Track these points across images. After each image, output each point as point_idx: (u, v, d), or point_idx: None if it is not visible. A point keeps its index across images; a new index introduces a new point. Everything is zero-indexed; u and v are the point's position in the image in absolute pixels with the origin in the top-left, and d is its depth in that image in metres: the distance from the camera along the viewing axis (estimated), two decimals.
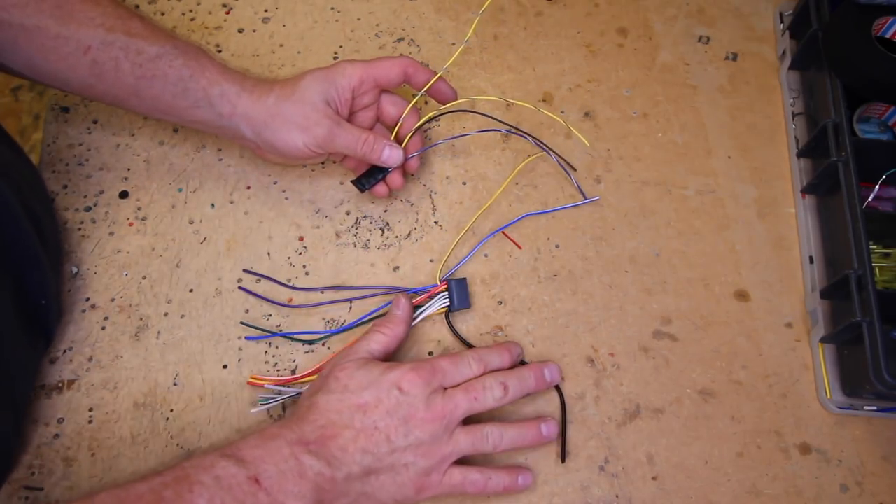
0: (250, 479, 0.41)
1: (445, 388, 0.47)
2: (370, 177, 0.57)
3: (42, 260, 0.49)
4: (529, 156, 0.63)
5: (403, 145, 0.56)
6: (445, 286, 0.55)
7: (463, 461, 0.48)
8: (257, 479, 0.41)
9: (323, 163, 0.62)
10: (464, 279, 0.56)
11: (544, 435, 0.50)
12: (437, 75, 0.56)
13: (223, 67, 0.53)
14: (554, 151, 0.61)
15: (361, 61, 0.54)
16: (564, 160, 0.62)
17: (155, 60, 0.50)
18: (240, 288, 0.56)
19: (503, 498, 0.50)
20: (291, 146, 0.52)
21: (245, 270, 0.57)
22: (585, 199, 0.61)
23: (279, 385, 0.52)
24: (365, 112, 0.57)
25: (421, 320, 0.55)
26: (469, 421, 0.48)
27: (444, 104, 0.58)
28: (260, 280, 0.57)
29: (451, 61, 0.59)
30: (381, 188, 0.58)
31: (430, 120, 0.59)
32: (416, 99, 0.57)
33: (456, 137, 0.63)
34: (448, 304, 0.55)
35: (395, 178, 0.57)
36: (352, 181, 0.57)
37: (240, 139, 0.54)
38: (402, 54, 0.66)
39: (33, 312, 0.49)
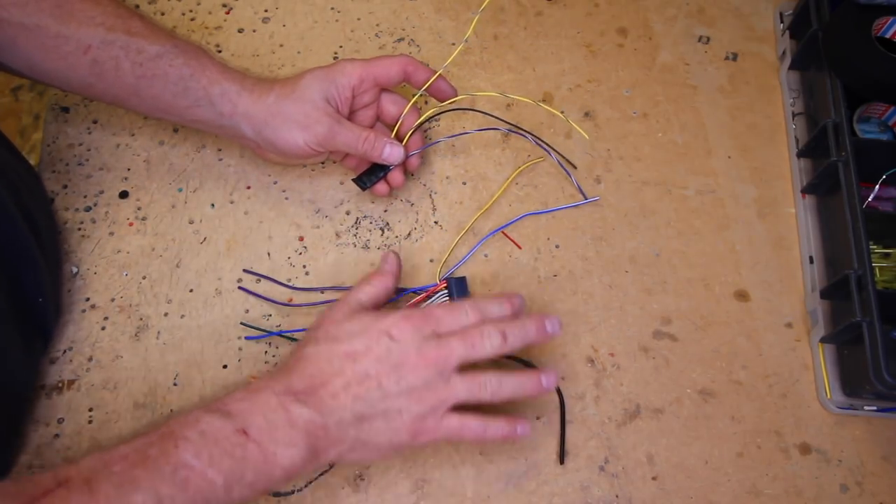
0: (238, 431, 0.40)
1: (440, 336, 0.46)
2: (371, 175, 0.57)
3: (38, 259, 0.49)
4: (529, 156, 0.63)
5: (404, 143, 0.56)
6: (445, 285, 0.55)
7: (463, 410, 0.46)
8: (245, 430, 0.40)
9: (323, 163, 0.62)
10: (463, 277, 0.55)
11: (544, 386, 0.47)
12: (437, 74, 0.56)
13: (223, 67, 0.53)
14: (555, 150, 0.61)
15: (361, 60, 0.55)
16: (565, 159, 0.62)
17: (155, 60, 0.50)
18: (240, 288, 0.56)
19: (503, 492, 0.50)
20: (292, 144, 0.52)
21: (245, 270, 0.57)
22: (586, 198, 0.61)
23: None
24: (365, 111, 0.57)
25: None
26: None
27: (444, 102, 0.59)
28: (260, 280, 0.57)
29: (449, 60, 0.59)
30: (381, 187, 0.58)
31: (431, 118, 0.60)
32: (416, 97, 0.57)
33: (456, 136, 0.63)
34: (447, 301, 0.54)
35: (395, 176, 0.57)
36: (353, 179, 0.58)
37: (240, 138, 0.54)
38: (401, 53, 0.66)
39: (30, 311, 0.49)
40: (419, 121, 0.58)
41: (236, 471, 0.40)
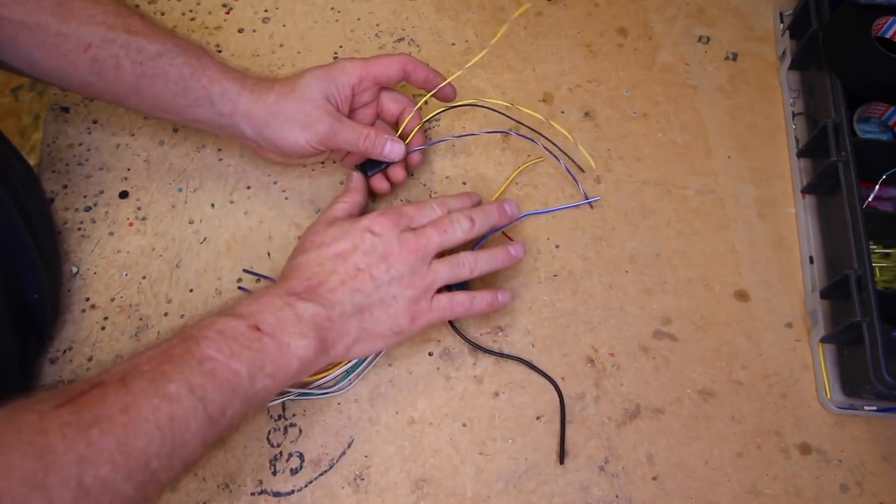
0: (251, 327, 0.43)
1: (415, 229, 0.50)
2: (374, 165, 0.57)
3: (35, 258, 0.49)
4: (529, 156, 0.63)
5: (407, 141, 0.57)
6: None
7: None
8: (258, 326, 0.43)
9: (323, 163, 0.62)
10: (465, 281, 0.55)
11: (513, 255, 0.53)
12: (446, 81, 0.57)
13: (224, 66, 0.53)
14: (562, 151, 0.61)
15: (360, 59, 0.55)
16: (572, 161, 0.62)
17: (156, 59, 0.50)
18: (239, 288, 0.56)
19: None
20: (293, 143, 0.53)
21: (245, 270, 0.57)
22: (587, 198, 0.61)
23: None
24: (365, 109, 0.57)
25: None
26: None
27: (445, 102, 0.59)
28: (260, 280, 0.57)
29: (474, 61, 0.59)
30: (382, 184, 0.58)
31: (436, 115, 0.60)
32: (422, 101, 0.57)
33: (462, 136, 0.63)
34: None
35: (397, 172, 0.58)
36: (356, 166, 0.58)
37: (240, 138, 0.55)
38: (400, 52, 0.66)
39: (25, 308, 0.49)
40: (424, 119, 0.58)
41: (256, 361, 0.42)
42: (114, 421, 0.36)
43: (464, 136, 0.63)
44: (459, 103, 0.60)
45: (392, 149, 0.55)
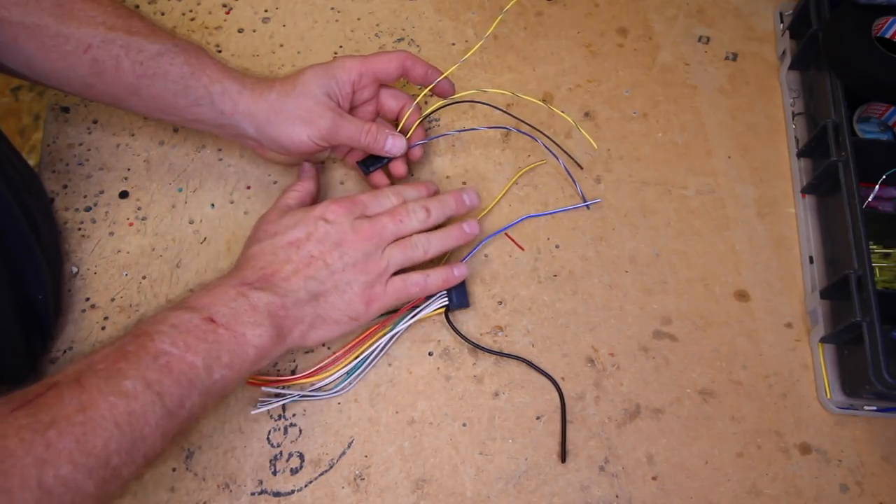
0: (205, 319, 0.43)
1: (370, 217, 0.51)
2: (375, 161, 0.58)
3: (38, 257, 0.49)
4: (529, 156, 0.63)
5: (407, 136, 0.57)
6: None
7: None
8: (212, 318, 0.43)
9: (323, 161, 0.62)
10: (463, 282, 0.55)
11: (467, 232, 0.54)
12: (443, 75, 0.57)
13: (224, 66, 0.53)
14: (563, 150, 0.61)
15: (360, 56, 0.55)
16: (572, 160, 0.62)
17: (156, 58, 0.50)
18: None
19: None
20: (296, 140, 0.53)
21: None
22: (586, 201, 0.61)
23: (278, 386, 0.52)
24: (365, 106, 0.57)
25: (419, 319, 0.54)
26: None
27: (443, 97, 0.59)
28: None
29: (469, 54, 0.59)
30: (383, 179, 0.58)
31: (436, 110, 0.60)
32: (421, 95, 0.58)
33: (464, 131, 0.63)
34: (447, 302, 0.54)
35: (398, 166, 0.58)
36: (357, 162, 0.58)
37: (241, 138, 0.55)
38: (399, 49, 0.66)
39: (30, 308, 0.49)
40: (424, 114, 0.58)
41: (212, 352, 0.42)
42: (71, 420, 0.36)
43: (464, 130, 0.63)
44: (458, 98, 0.60)
45: (394, 143, 0.56)
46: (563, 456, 0.51)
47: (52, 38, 0.48)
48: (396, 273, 0.51)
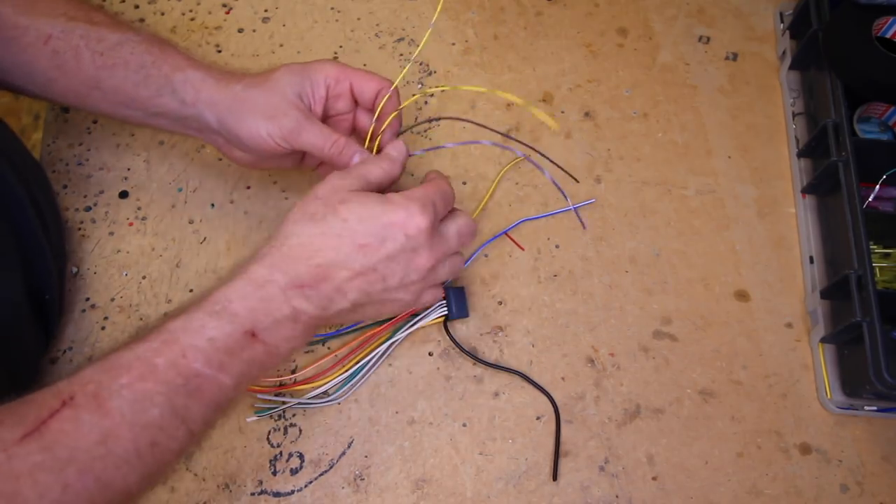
0: (246, 333, 0.40)
1: (441, 235, 0.47)
2: None
3: (48, 254, 0.50)
4: (529, 156, 0.63)
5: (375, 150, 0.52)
6: (444, 295, 0.54)
7: None
8: (253, 332, 0.40)
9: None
10: (462, 288, 0.55)
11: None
12: (398, 110, 0.52)
13: (188, 56, 0.50)
14: (549, 158, 0.60)
15: (341, 63, 0.52)
16: (560, 167, 0.61)
17: (116, 48, 0.48)
18: None
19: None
20: (255, 135, 0.48)
21: None
22: (575, 207, 0.61)
23: (275, 392, 0.52)
24: (339, 119, 0.53)
25: (418, 328, 0.54)
26: None
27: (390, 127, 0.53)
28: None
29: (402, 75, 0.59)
30: None
31: (412, 128, 0.56)
32: (377, 108, 0.52)
33: (438, 148, 0.62)
34: (446, 312, 0.54)
35: None
36: None
37: (206, 132, 0.51)
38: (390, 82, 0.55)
39: (39, 306, 0.49)
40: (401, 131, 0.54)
41: (245, 372, 0.40)
42: (91, 454, 0.33)
43: (440, 147, 0.61)
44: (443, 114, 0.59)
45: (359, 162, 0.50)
46: (555, 474, 0.51)
47: (12, 29, 0.47)
48: None
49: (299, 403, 0.51)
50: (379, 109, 0.51)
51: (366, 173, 0.46)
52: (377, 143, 0.52)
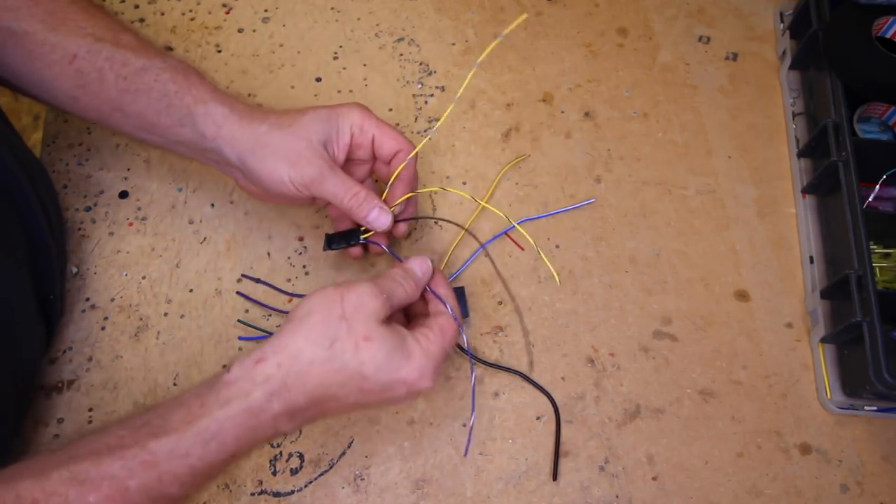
0: (228, 458, 0.40)
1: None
2: (342, 240, 0.53)
3: (54, 254, 0.50)
4: (529, 155, 0.63)
5: (392, 207, 0.51)
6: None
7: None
8: (235, 455, 0.40)
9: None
10: (462, 288, 0.55)
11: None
12: (412, 191, 0.53)
13: (214, 88, 0.50)
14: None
15: (370, 112, 0.51)
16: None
17: (140, 73, 0.48)
18: (238, 293, 0.56)
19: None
20: (276, 179, 0.48)
21: (243, 275, 0.56)
22: (570, 208, 0.61)
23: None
24: (358, 166, 0.53)
25: None
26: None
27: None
28: (259, 282, 0.56)
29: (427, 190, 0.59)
30: (355, 249, 0.54)
31: (414, 193, 0.53)
32: (395, 173, 0.52)
33: (421, 218, 0.61)
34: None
35: (379, 243, 0.53)
36: (326, 234, 0.54)
37: (224, 166, 0.51)
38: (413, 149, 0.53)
39: (42, 306, 0.49)
40: (412, 192, 0.53)
41: (211, 479, 0.40)
42: None
43: (422, 218, 0.59)
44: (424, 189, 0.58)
45: (378, 216, 0.50)
46: (555, 474, 0.51)
47: (38, 46, 0.47)
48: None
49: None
50: (395, 175, 0.51)
51: (391, 294, 0.44)
52: (393, 205, 0.52)
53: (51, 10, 0.48)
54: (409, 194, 0.53)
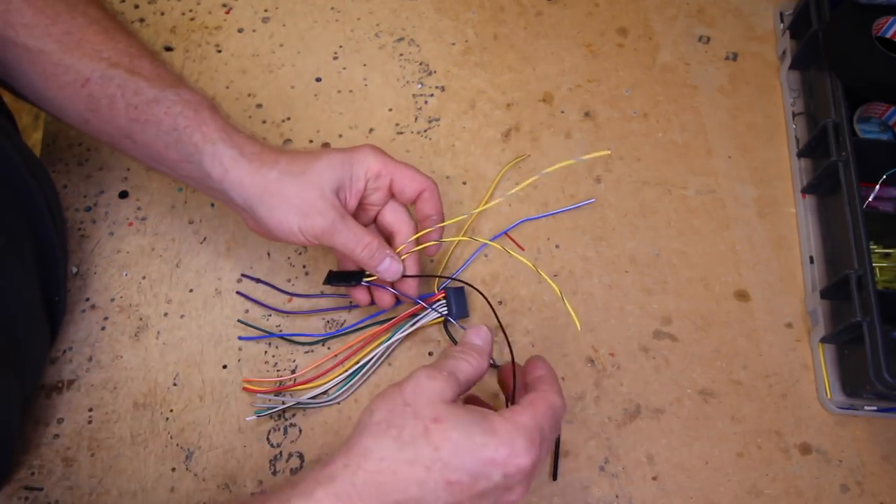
0: None
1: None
2: (344, 280, 0.52)
3: (59, 254, 0.50)
4: (529, 155, 0.63)
5: (403, 257, 0.50)
6: (444, 295, 0.53)
7: None
8: None
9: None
10: (462, 287, 0.55)
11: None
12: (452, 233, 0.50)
13: (225, 126, 0.47)
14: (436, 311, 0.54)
15: (386, 155, 0.50)
16: (494, 311, 0.47)
17: (151, 104, 0.46)
18: (238, 293, 0.56)
19: None
20: (285, 228, 0.46)
21: (243, 275, 0.56)
22: (574, 206, 0.61)
23: (275, 392, 0.52)
24: (369, 208, 0.52)
25: (418, 328, 0.54)
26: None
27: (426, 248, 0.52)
28: (259, 282, 0.56)
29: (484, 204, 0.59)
30: (364, 297, 0.52)
31: (426, 244, 0.52)
32: (419, 234, 0.51)
33: (453, 277, 0.62)
34: (446, 312, 0.53)
35: (384, 296, 0.52)
36: (330, 270, 0.53)
37: (230, 205, 0.49)
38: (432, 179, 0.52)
39: (48, 307, 0.50)
40: (426, 243, 0.52)
41: None
42: None
43: (447, 277, 0.55)
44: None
45: (389, 267, 0.49)
46: (555, 474, 0.51)
47: (53, 66, 0.46)
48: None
49: (299, 403, 0.51)
50: (419, 236, 0.50)
51: (454, 370, 0.40)
52: (422, 245, 0.51)
53: (68, 31, 0.46)
54: (418, 248, 0.51)
